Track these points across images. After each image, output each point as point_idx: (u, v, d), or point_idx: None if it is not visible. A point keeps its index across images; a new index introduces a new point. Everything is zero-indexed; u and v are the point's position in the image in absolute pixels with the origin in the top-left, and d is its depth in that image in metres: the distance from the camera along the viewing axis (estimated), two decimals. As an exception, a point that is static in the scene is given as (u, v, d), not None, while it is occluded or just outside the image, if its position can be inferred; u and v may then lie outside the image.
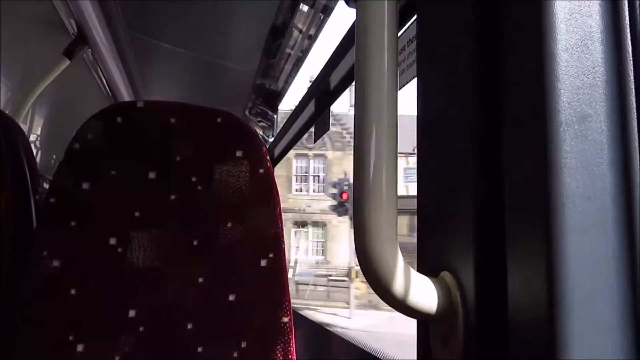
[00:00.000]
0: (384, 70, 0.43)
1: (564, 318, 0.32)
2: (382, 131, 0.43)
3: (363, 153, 0.43)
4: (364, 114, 0.43)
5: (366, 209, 0.42)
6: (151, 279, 0.79)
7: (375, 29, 0.44)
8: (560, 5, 0.36)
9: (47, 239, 0.76)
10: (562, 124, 0.34)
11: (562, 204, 0.33)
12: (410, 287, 0.42)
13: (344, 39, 1.12)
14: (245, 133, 0.86)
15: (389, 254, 0.42)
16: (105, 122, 0.81)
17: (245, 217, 0.83)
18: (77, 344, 0.74)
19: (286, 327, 0.81)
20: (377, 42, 0.44)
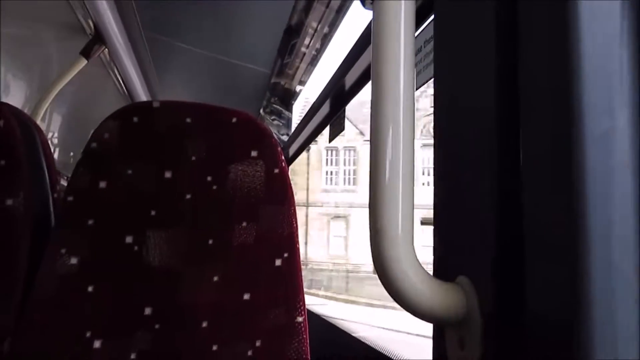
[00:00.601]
0: (400, 71, 0.43)
1: (588, 326, 0.31)
2: (398, 133, 0.42)
3: (379, 154, 0.42)
4: (380, 115, 0.43)
5: (382, 211, 0.41)
6: (167, 277, 0.79)
7: (392, 29, 0.43)
8: (584, 5, 0.35)
9: (65, 237, 0.77)
10: (586, 126, 0.34)
11: (586, 208, 0.33)
12: (426, 292, 0.42)
13: (360, 39, 1.11)
14: (260, 133, 0.86)
15: (405, 258, 0.41)
16: (122, 122, 0.82)
17: (260, 216, 0.83)
18: (94, 340, 0.74)
19: (300, 327, 0.81)
20: (393, 43, 0.43)
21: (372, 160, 0.42)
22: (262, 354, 0.79)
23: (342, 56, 1.25)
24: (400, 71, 0.43)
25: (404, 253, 0.41)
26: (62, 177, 0.99)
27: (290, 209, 0.85)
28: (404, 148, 0.42)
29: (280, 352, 0.80)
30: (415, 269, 0.41)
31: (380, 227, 0.41)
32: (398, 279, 0.41)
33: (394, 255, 0.41)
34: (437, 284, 0.43)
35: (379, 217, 0.41)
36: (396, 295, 0.42)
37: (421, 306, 0.42)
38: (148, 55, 2.08)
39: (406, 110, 0.42)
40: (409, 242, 0.41)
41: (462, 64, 0.47)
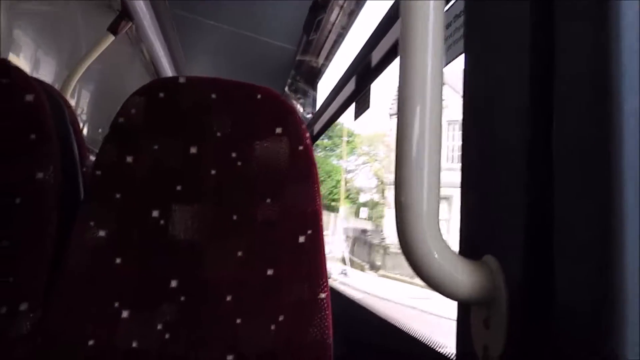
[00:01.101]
0: (428, 46, 0.42)
1: (621, 306, 0.31)
2: (425, 108, 0.41)
3: (406, 130, 0.41)
4: (408, 91, 0.42)
5: (407, 187, 0.41)
6: (192, 251, 0.80)
7: (420, 3, 0.42)
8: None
9: (94, 210, 0.79)
10: (624, 115, 0.32)
11: (622, 195, 0.32)
12: (451, 270, 0.41)
13: (387, 15, 1.09)
14: (284, 110, 0.85)
15: (430, 235, 0.41)
16: (148, 97, 0.82)
17: (284, 193, 0.83)
18: (122, 310, 0.76)
19: (323, 304, 0.81)
20: (422, 17, 0.42)
21: (399, 134, 0.42)
22: (285, 328, 0.79)
23: (368, 33, 1.23)
24: (429, 45, 0.42)
25: (429, 229, 0.41)
26: (90, 152, 1.01)
27: (314, 187, 0.85)
28: (431, 124, 0.41)
29: (303, 327, 0.80)
30: (441, 246, 0.41)
31: (405, 202, 0.41)
32: (423, 256, 0.41)
33: (419, 231, 0.40)
34: (463, 262, 0.42)
35: (405, 192, 0.41)
36: (420, 272, 0.41)
37: (446, 284, 0.41)
38: (174, 32, 2.08)
39: (434, 85, 0.41)
40: (435, 218, 0.41)
41: (494, 39, 0.46)
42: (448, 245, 0.41)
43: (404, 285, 15.78)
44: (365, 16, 1.72)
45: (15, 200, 0.77)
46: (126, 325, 0.76)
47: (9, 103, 0.79)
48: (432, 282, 0.41)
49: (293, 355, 0.79)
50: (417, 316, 10.95)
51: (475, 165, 0.48)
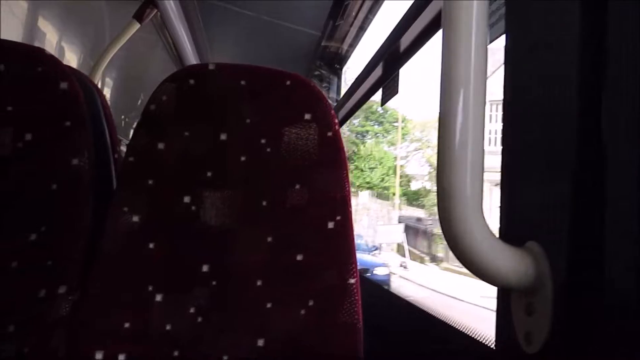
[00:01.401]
0: (471, 24, 0.41)
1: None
2: (469, 90, 0.41)
3: (449, 113, 0.41)
4: (450, 71, 0.41)
5: (451, 172, 0.40)
6: (222, 236, 0.81)
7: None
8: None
9: (127, 196, 0.80)
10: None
11: None
12: (493, 255, 0.41)
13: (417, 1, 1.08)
14: (313, 96, 0.85)
15: (473, 221, 0.40)
16: (179, 84, 0.83)
17: (313, 179, 0.83)
18: (155, 294, 0.78)
19: (352, 289, 0.82)
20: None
21: (441, 118, 0.41)
22: (314, 313, 0.80)
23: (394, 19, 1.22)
24: (472, 22, 0.41)
25: (471, 215, 0.40)
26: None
27: (343, 173, 0.85)
28: (475, 106, 0.40)
29: (332, 312, 0.81)
30: (483, 231, 0.40)
31: (448, 187, 0.40)
32: (465, 241, 0.40)
33: (462, 216, 0.40)
34: (505, 248, 0.42)
35: (447, 177, 0.40)
36: (462, 257, 0.41)
37: (488, 269, 0.41)
38: (198, 19, 2.08)
39: (478, 64, 0.41)
40: (478, 203, 0.40)
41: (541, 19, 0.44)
42: (491, 232, 0.41)
43: (471, 280, 13.69)
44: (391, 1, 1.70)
45: (52, 186, 0.78)
46: (160, 309, 0.77)
47: (44, 91, 0.80)
48: (474, 268, 0.41)
49: (323, 339, 0.79)
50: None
51: (517, 149, 0.47)
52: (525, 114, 0.46)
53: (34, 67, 0.80)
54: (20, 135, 0.79)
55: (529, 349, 0.41)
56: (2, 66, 0.79)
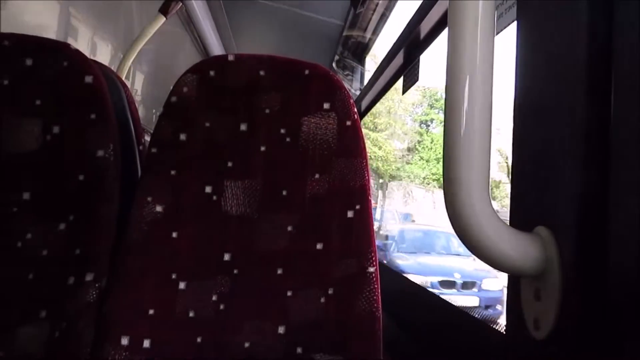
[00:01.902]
0: (478, 13, 0.41)
1: None
2: (475, 79, 0.40)
3: (455, 102, 0.41)
4: (457, 60, 0.41)
5: (457, 161, 0.40)
6: (243, 226, 0.83)
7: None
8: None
9: (151, 186, 0.82)
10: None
11: None
12: (501, 241, 0.41)
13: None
14: (332, 85, 0.85)
15: (480, 207, 0.40)
16: (199, 75, 0.84)
17: (332, 168, 0.84)
18: (179, 281, 0.80)
19: (372, 277, 0.82)
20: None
21: (447, 105, 0.41)
22: (334, 301, 0.81)
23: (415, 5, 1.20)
24: (479, 12, 0.41)
25: (478, 201, 0.40)
26: (146, 132, 1.05)
27: (362, 162, 0.85)
28: (481, 95, 0.40)
29: (352, 300, 0.81)
30: (490, 217, 0.40)
31: (454, 174, 0.40)
32: (472, 228, 0.40)
33: (468, 203, 0.40)
34: (514, 233, 0.41)
35: (453, 164, 0.40)
36: (470, 244, 0.41)
37: (496, 255, 0.41)
38: (223, 11, 2.10)
39: (484, 54, 0.41)
40: (484, 190, 0.40)
41: (550, 6, 0.44)
42: (498, 217, 0.41)
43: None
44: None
45: (79, 177, 0.81)
46: (183, 296, 0.79)
47: (70, 84, 0.83)
48: (482, 254, 0.41)
49: (343, 327, 0.80)
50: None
51: (527, 135, 0.47)
52: (533, 103, 0.46)
53: (60, 61, 0.82)
54: (48, 128, 0.82)
55: (537, 334, 0.41)
56: (29, 61, 0.82)
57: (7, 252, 0.78)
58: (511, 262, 0.41)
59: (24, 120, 0.81)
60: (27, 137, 0.81)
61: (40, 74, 0.82)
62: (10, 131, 0.81)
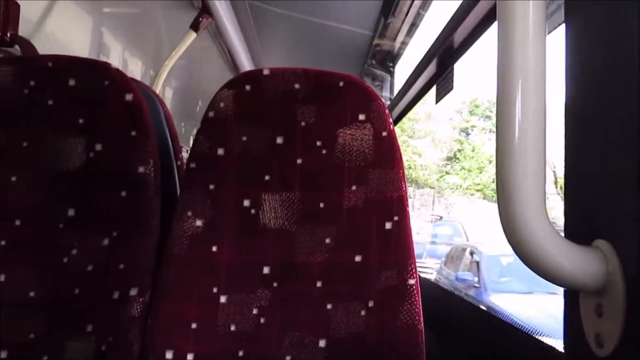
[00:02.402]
0: (529, 14, 0.40)
1: None
2: (528, 82, 0.39)
3: (507, 108, 0.40)
4: (507, 64, 0.40)
5: (511, 170, 0.39)
6: (282, 238, 0.83)
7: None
8: None
9: (190, 201, 0.83)
10: None
11: None
12: (559, 255, 0.39)
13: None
14: (367, 96, 0.85)
15: (536, 220, 0.39)
16: (236, 90, 0.85)
17: (369, 180, 0.84)
18: (220, 295, 0.80)
19: (412, 290, 0.81)
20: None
21: (499, 113, 0.40)
22: (374, 314, 0.80)
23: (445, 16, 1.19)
24: (529, 12, 0.39)
25: (534, 213, 0.39)
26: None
27: (399, 172, 0.85)
28: (535, 100, 0.39)
29: (393, 313, 0.80)
30: (547, 230, 0.39)
31: (508, 185, 0.39)
32: (528, 241, 0.39)
33: (524, 215, 0.39)
34: (572, 247, 0.40)
35: (507, 174, 0.39)
36: (525, 257, 0.40)
37: (553, 269, 0.39)
38: (252, 25, 2.12)
39: (536, 54, 0.39)
40: (540, 202, 0.39)
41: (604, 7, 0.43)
42: (555, 230, 0.39)
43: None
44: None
45: (121, 193, 0.83)
46: (225, 310, 0.80)
47: (112, 103, 0.84)
48: (538, 268, 0.40)
49: (384, 340, 0.79)
50: None
51: (581, 142, 0.45)
52: (588, 109, 0.44)
53: (101, 81, 0.84)
54: (91, 146, 0.83)
55: (600, 352, 0.40)
56: (72, 81, 0.84)
57: (55, 268, 0.80)
58: (570, 276, 0.40)
59: (68, 138, 0.83)
60: (71, 155, 0.83)
61: (82, 93, 0.84)
62: (56, 149, 0.83)
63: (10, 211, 0.82)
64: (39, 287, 0.80)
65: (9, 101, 0.84)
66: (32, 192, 0.83)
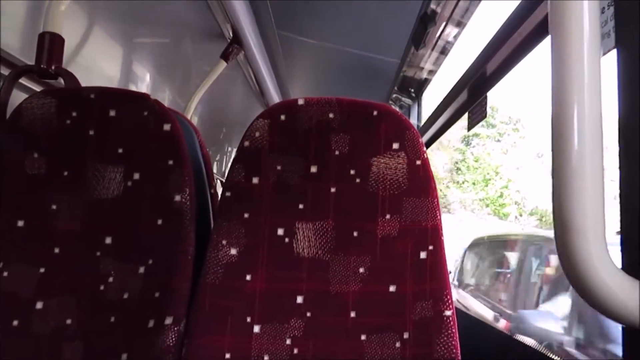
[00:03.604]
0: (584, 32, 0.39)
1: None
2: (583, 107, 0.39)
3: (562, 139, 0.39)
4: (562, 87, 0.39)
5: (567, 202, 0.38)
6: (315, 268, 0.82)
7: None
8: None
9: (225, 230, 0.83)
10: None
11: None
12: (620, 290, 0.38)
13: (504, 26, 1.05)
14: (401, 125, 0.85)
15: (595, 253, 0.38)
16: (271, 120, 0.86)
17: (403, 209, 0.83)
18: (254, 325, 0.80)
19: (449, 321, 0.79)
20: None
21: (554, 144, 0.39)
22: (410, 346, 0.78)
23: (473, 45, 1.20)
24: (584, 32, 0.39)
25: (594, 248, 0.38)
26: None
27: (434, 201, 0.84)
28: (591, 129, 0.39)
29: (429, 345, 0.78)
30: (607, 265, 0.38)
31: (566, 219, 0.38)
32: (587, 276, 0.38)
33: (583, 249, 0.38)
34: (632, 283, 0.39)
35: (565, 208, 0.38)
36: (584, 292, 0.39)
37: (613, 306, 0.38)
38: (280, 54, 2.16)
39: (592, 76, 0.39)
40: (600, 236, 0.38)
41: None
42: (616, 266, 0.38)
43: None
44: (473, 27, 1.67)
45: (158, 221, 0.83)
46: (258, 340, 0.79)
47: (150, 133, 0.86)
48: (598, 304, 0.38)
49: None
50: None
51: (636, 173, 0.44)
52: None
53: (140, 111, 0.86)
54: (129, 174, 0.85)
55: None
56: (113, 112, 0.86)
57: (91, 295, 0.81)
58: (628, 313, 0.38)
59: (107, 167, 0.85)
60: (110, 184, 0.85)
61: (122, 124, 0.86)
62: (96, 178, 0.85)
63: (50, 239, 0.83)
64: (76, 315, 0.80)
65: (52, 131, 0.86)
66: (71, 220, 0.84)
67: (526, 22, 1.02)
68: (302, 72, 2.54)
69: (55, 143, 0.86)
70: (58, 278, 0.82)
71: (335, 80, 2.48)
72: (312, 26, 1.91)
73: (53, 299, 0.81)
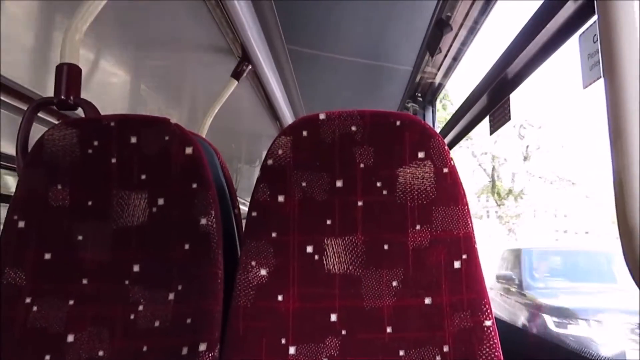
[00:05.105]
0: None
1: None
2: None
3: (622, 141, 0.37)
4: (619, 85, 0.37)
5: (633, 207, 0.36)
6: (347, 284, 0.80)
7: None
8: None
9: (254, 250, 0.82)
10: None
11: None
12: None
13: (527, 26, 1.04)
14: (425, 133, 0.84)
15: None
16: (293, 137, 0.85)
17: (433, 218, 0.81)
18: (289, 346, 0.78)
19: (490, 331, 0.77)
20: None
21: (615, 150, 0.37)
22: (451, 359, 0.76)
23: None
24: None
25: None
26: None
27: (464, 209, 0.82)
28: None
29: (471, 357, 0.76)
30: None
31: (632, 225, 0.36)
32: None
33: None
34: None
35: (630, 213, 0.36)
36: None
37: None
38: (290, 69, 2.16)
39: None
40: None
41: None
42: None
43: None
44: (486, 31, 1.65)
45: (185, 246, 0.82)
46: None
47: (172, 157, 0.85)
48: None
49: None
50: None
51: None
52: None
53: (161, 136, 0.86)
54: (154, 200, 0.84)
55: None
56: (134, 139, 0.86)
57: (122, 325, 0.79)
58: None
59: (131, 194, 0.84)
60: (135, 211, 0.84)
61: (144, 150, 0.86)
62: (120, 206, 0.84)
63: (78, 270, 0.82)
64: (108, 346, 0.79)
65: (75, 161, 0.86)
66: (98, 249, 0.83)
67: (551, 21, 1.00)
68: (312, 85, 2.54)
69: (78, 173, 0.86)
70: (88, 309, 0.81)
71: (347, 91, 2.47)
72: (321, 38, 1.91)
73: (84, 331, 0.80)
